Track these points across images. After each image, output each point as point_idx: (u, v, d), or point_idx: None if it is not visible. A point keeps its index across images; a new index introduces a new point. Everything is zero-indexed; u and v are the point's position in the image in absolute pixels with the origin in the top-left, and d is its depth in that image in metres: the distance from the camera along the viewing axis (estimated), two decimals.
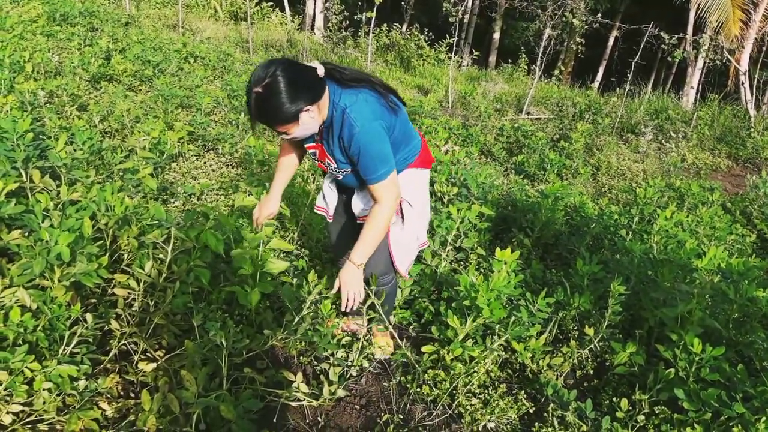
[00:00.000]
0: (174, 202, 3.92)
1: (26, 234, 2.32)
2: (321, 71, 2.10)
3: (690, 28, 14.94)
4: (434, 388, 2.49)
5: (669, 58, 10.89)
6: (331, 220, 2.68)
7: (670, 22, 16.75)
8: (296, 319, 2.47)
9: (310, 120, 2.07)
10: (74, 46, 7.42)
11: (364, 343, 2.70)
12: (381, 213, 2.22)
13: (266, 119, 2.04)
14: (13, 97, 4.17)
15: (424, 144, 2.51)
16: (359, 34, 14.77)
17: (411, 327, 3.06)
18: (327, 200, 2.61)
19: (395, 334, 2.71)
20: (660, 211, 4.27)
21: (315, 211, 2.70)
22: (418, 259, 3.36)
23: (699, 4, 13.28)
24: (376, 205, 2.23)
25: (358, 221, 2.52)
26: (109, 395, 2.11)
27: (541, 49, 10.91)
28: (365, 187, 2.28)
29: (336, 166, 2.30)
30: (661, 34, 10.66)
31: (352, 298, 2.29)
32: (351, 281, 2.28)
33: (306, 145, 2.37)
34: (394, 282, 2.68)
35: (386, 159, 2.16)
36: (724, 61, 12.66)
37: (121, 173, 3.63)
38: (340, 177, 2.37)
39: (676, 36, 10.78)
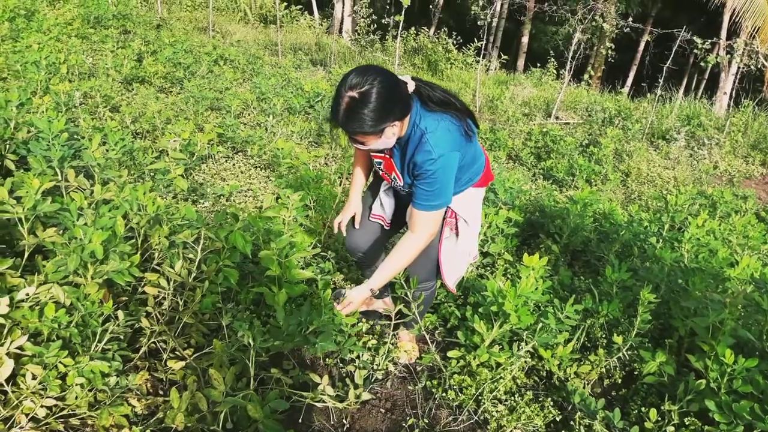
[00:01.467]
0: (203, 203, 3.97)
1: (61, 232, 2.37)
2: (411, 86, 2.07)
3: (724, 33, 14.65)
4: (460, 394, 2.48)
5: (702, 63, 10.68)
6: (389, 228, 2.65)
7: (702, 26, 16.50)
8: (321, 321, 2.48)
9: (391, 135, 2.04)
10: (108, 49, 7.57)
11: (390, 346, 2.70)
12: (412, 244, 2.21)
13: (353, 127, 1.97)
14: (48, 97, 4.26)
15: (487, 162, 2.49)
16: (387, 37, 14.79)
17: (437, 331, 3.05)
18: (385, 208, 2.57)
19: (427, 338, 2.71)
20: (691, 218, 4.19)
21: (371, 219, 2.62)
22: None
23: (734, 9, 13.03)
24: (410, 235, 2.21)
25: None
26: (138, 392, 2.14)
27: (571, 54, 10.81)
28: None
29: (401, 184, 2.30)
30: (694, 38, 10.48)
31: (349, 311, 2.29)
32: (358, 302, 2.29)
33: (373, 154, 2.34)
34: (434, 290, 2.68)
35: (445, 193, 2.13)
36: (759, 66, 12.39)
37: (152, 174, 3.69)
38: (402, 192, 2.37)
39: (710, 41, 10.60)
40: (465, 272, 2.63)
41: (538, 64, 15.80)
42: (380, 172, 2.40)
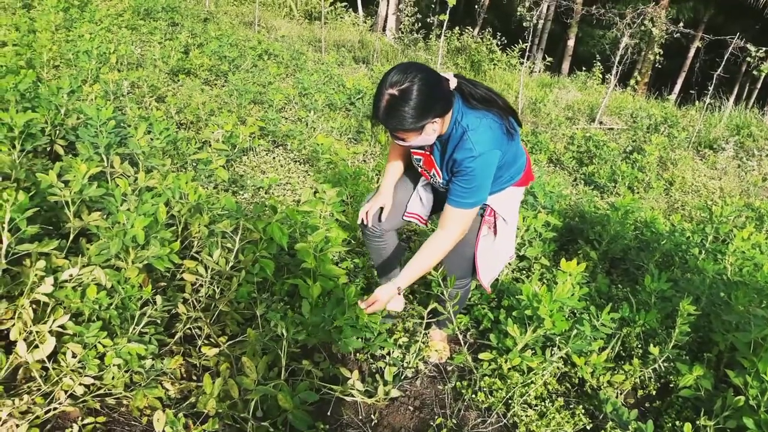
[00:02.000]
0: (243, 194, 4.03)
1: (105, 216, 2.44)
2: (453, 83, 2.07)
3: None
4: (490, 396, 2.46)
5: (754, 72, 10.36)
6: (426, 226, 2.64)
7: (757, 33, 15.99)
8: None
9: (432, 132, 2.04)
10: (156, 40, 7.73)
11: (421, 345, 2.69)
12: (442, 242, 2.19)
13: (393, 124, 1.98)
14: (98, 86, 4.38)
15: (528, 162, 2.47)
16: (430, 36, 14.75)
17: (469, 333, 3.03)
18: (424, 203, 2.54)
19: (460, 339, 2.69)
20: (737, 231, 4.07)
21: (404, 217, 2.57)
22: None
23: None
24: (440, 232, 2.19)
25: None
26: (172, 376, 2.18)
27: (617, 58, 10.61)
28: None
29: (441, 181, 2.28)
30: (747, 46, 10.17)
31: (374, 310, 2.24)
32: (384, 301, 2.22)
33: (413, 151, 2.34)
34: (468, 288, 2.67)
35: (482, 191, 2.12)
36: None
37: (194, 164, 3.76)
38: (441, 189, 2.35)
39: (764, 49, 10.26)
40: (501, 273, 2.60)
41: (584, 68, 15.56)
42: (419, 169, 2.39)
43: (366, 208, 2.55)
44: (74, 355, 1.95)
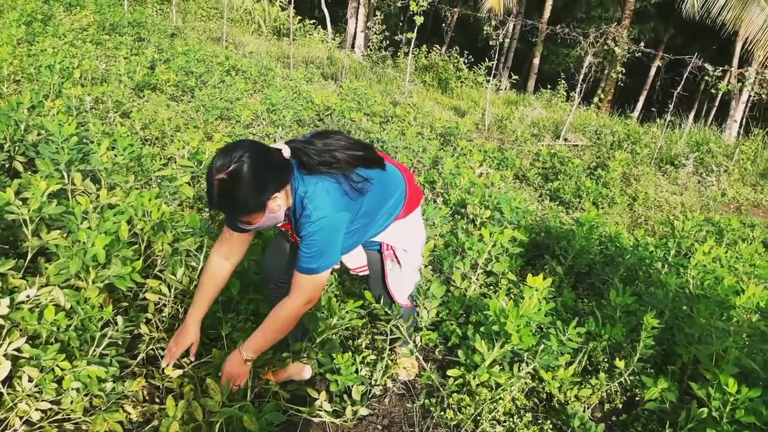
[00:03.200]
0: (208, 212, 3.97)
1: (65, 235, 2.37)
2: (287, 152, 1.99)
3: (735, 61, 14.67)
4: (458, 413, 2.46)
5: (713, 91, 10.69)
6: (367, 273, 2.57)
7: (715, 54, 16.52)
8: (318, 340, 2.46)
9: (276, 208, 1.96)
10: (121, 55, 7.64)
11: (389, 362, 2.68)
12: (286, 310, 2.08)
13: (230, 209, 1.92)
14: (60, 101, 4.29)
15: (410, 187, 2.39)
16: (399, 54, 14.88)
17: (437, 349, 3.02)
18: (353, 253, 2.46)
19: (420, 357, 2.69)
20: (698, 245, 4.16)
21: (353, 272, 2.51)
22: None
23: (747, 38, 13.06)
24: (286, 300, 2.08)
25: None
26: (134, 399, 2.12)
27: (581, 76, 10.84)
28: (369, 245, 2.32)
29: None
30: (706, 65, 10.50)
31: (236, 384, 2.11)
32: (232, 373, 2.11)
33: (278, 224, 2.20)
34: (410, 307, 2.67)
35: (326, 256, 2.02)
36: None
37: (159, 180, 3.70)
38: None
39: (721, 68, 10.61)
40: (417, 282, 2.61)
41: (549, 86, 15.87)
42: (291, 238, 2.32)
43: (172, 347, 2.26)
44: (30, 379, 1.89)
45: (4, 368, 1.84)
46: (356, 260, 2.47)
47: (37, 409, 1.85)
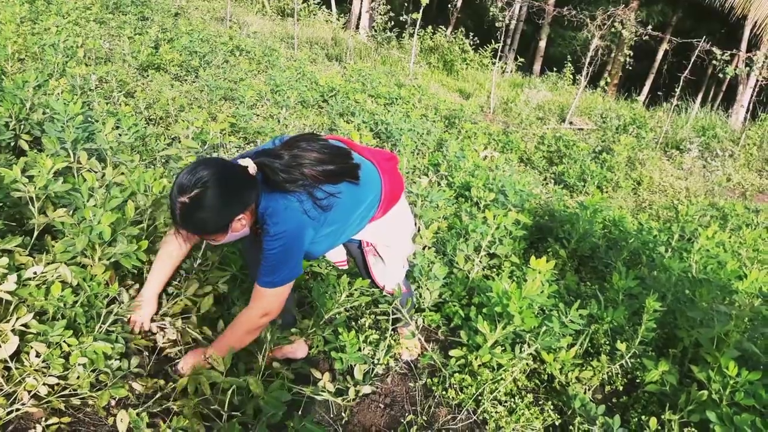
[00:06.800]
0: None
1: (71, 212, 2.38)
2: (252, 169, 1.94)
3: (744, 45, 14.51)
4: (460, 393, 2.48)
5: (720, 75, 10.61)
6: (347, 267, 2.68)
7: (723, 37, 16.36)
8: (326, 316, 2.49)
9: (240, 227, 1.95)
10: (125, 35, 7.60)
11: (392, 342, 2.70)
12: (244, 320, 2.08)
13: (194, 231, 1.91)
14: (65, 80, 4.29)
15: (388, 184, 2.30)
16: (404, 35, 14.77)
17: (440, 330, 3.04)
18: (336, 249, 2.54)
19: (421, 338, 2.70)
20: (701, 230, 4.17)
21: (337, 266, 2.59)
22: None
23: (756, 22, 12.91)
24: (246, 309, 2.09)
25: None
26: (140, 373, 2.15)
27: (588, 59, 10.76)
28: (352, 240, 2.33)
29: None
30: (713, 49, 10.40)
31: (186, 373, 2.11)
32: (191, 364, 2.12)
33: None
34: (407, 292, 2.68)
35: (282, 271, 2.00)
36: None
37: (163, 160, 3.71)
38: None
39: (729, 52, 10.51)
40: (405, 270, 2.61)
41: (555, 69, 15.75)
42: None
43: (135, 319, 2.28)
44: (38, 355, 1.91)
45: (12, 343, 1.86)
46: (336, 255, 2.52)
47: (44, 384, 1.87)
